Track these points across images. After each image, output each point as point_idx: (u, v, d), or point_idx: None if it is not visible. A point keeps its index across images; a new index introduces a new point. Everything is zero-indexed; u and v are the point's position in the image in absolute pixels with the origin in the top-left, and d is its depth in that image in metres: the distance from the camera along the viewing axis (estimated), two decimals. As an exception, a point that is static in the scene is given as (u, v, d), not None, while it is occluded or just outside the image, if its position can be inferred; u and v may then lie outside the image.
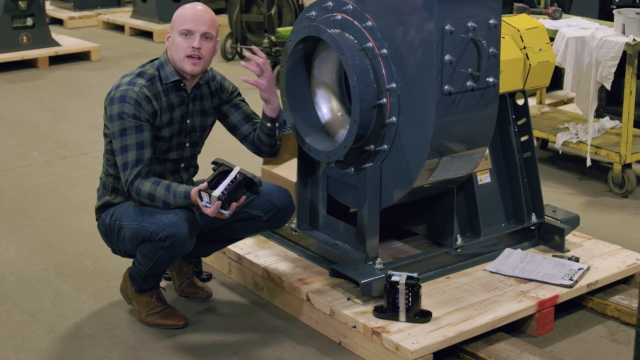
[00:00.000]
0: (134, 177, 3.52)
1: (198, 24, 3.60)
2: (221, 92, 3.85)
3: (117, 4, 11.76)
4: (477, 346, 3.53)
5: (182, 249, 3.55)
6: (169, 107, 3.66)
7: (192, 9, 3.64)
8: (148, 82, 3.62)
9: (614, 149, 5.32)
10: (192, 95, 3.73)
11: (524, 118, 4.16)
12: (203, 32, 3.60)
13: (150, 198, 3.52)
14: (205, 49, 3.61)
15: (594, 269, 3.98)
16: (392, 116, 3.64)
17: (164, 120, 3.64)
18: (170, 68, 3.66)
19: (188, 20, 3.60)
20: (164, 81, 3.64)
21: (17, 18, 8.74)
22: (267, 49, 7.97)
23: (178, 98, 3.69)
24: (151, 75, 3.65)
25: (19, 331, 3.82)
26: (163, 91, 3.65)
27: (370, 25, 3.64)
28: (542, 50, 4.18)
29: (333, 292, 3.78)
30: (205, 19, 3.62)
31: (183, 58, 3.60)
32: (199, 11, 3.63)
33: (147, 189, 3.51)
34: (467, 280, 3.88)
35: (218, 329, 3.81)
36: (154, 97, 3.61)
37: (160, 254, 3.54)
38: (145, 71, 3.66)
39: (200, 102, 3.77)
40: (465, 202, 4.01)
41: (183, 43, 3.60)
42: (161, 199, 3.51)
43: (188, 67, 3.61)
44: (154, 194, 3.51)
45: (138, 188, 3.52)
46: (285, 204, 3.83)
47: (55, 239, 4.76)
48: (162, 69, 3.67)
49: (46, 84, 8.23)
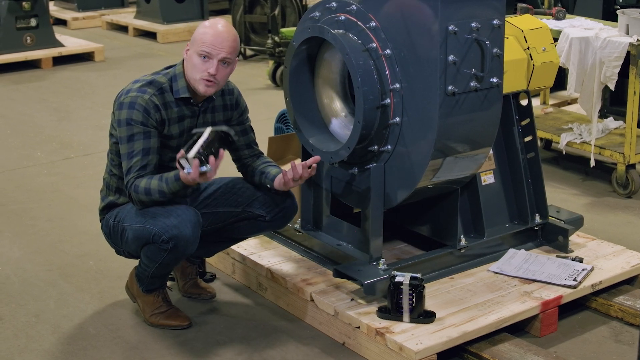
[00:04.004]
0: (134, 179, 3.52)
1: (218, 49, 3.53)
2: (235, 108, 3.81)
3: (120, 5, 11.78)
4: (481, 347, 3.53)
5: (186, 250, 3.55)
6: (179, 118, 3.64)
7: (214, 30, 3.55)
8: (158, 91, 3.58)
9: (618, 149, 5.31)
10: (204, 108, 3.70)
11: (528, 118, 4.15)
12: (222, 58, 3.54)
13: (146, 192, 3.51)
14: (221, 74, 3.56)
15: (598, 269, 3.97)
16: (395, 117, 3.64)
17: (173, 131, 3.62)
18: (182, 83, 3.61)
19: (208, 42, 3.53)
20: (174, 95, 3.61)
21: (21, 19, 8.76)
22: (271, 50, 7.98)
23: (189, 110, 3.66)
24: (162, 85, 3.60)
25: (23, 332, 3.82)
26: (174, 102, 3.61)
27: (374, 25, 3.64)
28: (545, 51, 4.18)
29: (337, 292, 3.79)
30: (226, 45, 3.54)
31: (199, 79, 3.55)
32: (221, 34, 3.54)
33: (143, 184, 3.51)
34: (470, 280, 3.88)
35: (222, 329, 3.82)
36: (163, 107, 3.58)
37: (164, 256, 3.55)
38: (158, 80, 3.61)
39: (212, 114, 3.74)
40: (469, 203, 4.00)
41: (200, 65, 3.54)
42: (156, 189, 3.50)
43: (202, 88, 3.57)
44: (149, 187, 3.50)
45: (136, 186, 3.52)
46: (288, 204, 3.83)
47: (59, 239, 4.77)
48: (175, 81, 3.62)
49: (50, 85, 8.24)
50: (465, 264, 3.98)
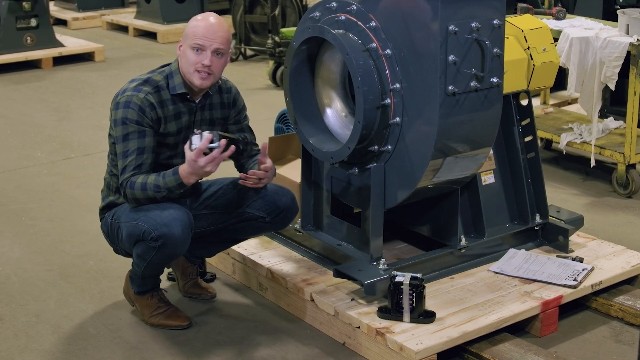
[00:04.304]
0: (130, 177, 3.52)
1: (210, 40, 3.56)
2: (233, 106, 3.82)
3: (120, 5, 11.78)
4: (481, 347, 3.53)
5: (175, 250, 3.54)
6: (176, 116, 3.64)
7: (205, 23, 3.60)
8: (154, 89, 3.60)
9: (618, 149, 5.31)
10: (201, 104, 3.71)
11: (528, 118, 4.15)
12: (215, 49, 3.57)
13: (142, 188, 3.51)
14: (215, 65, 3.58)
15: (598, 269, 3.97)
16: (396, 117, 3.64)
17: (170, 129, 3.63)
18: (179, 79, 3.63)
19: (200, 35, 3.56)
20: (171, 92, 3.63)
21: (21, 19, 8.76)
22: (271, 50, 7.98)
23: (186, 107, 3.67)
24: (158, 83, 3.62)
25: (23, 332, 3.82)
26: (170, 99, 3.63)
27: (374, 25, 3.64)
28: (546, 51, 4.18)
29: (337, 292, 3.79)
30: (218, 35, 3.58)
31: (193, 72, 3.58)
32: (212, 25, 3.59)
33: (140, 180, 3.52)
34: (471, 280, 3.88)
35: (222, 329, 3.82)
36: (159, 105, 3.59)
37: (153, 254, 3.54)
38: (153, 78, 3.64)
39: (210, 111, 3.75)
40: (469, 203, 4.00)
41: (194, 57, 3.57)
42: (152, 183, 3.50)
43: (197, 81, 3.59)
44: (146, 182, 3.51)
45: (132, 182, 3.52)
46: (288, 205, 3.83)
47: (60, 239, 4.77)
48: (171, 77, 3.64)
49: (50, 85, 8.24)
50: (465, 264, 3.98)
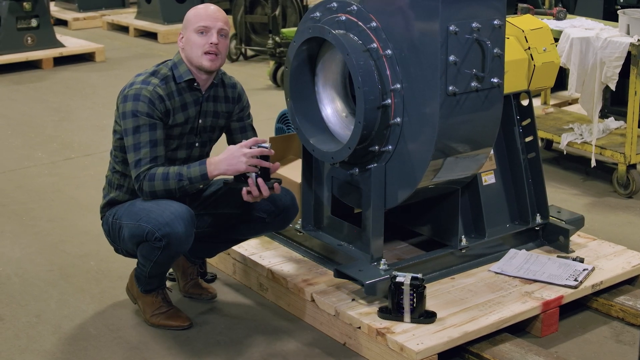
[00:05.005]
0: (149, 169, 3.53)
1: (214, 20, 3.64)
2: (237, 101, 3.85)
3: (121, 5, 11.79)
4: (482, 347, 3.53)
5: (179, 248, 3.54)
6: (182, 107, 3.66)
7: (206, 8, 3.69)
8: (162, 82, 3.63)
9: (619, 149, 5.31)
10: (207, 95, 3.74)
11: (529, 118, 4.15)
12: (220, 29, 3.64)
13: (164, 177, 3.52)
14: (222, 45, 3.65)
15: (599, 269, 3.97)
16: (396, 117, 3.64)
17: (178, 120, 3.65)
18: (184, 68, 3.67)
19: (203, 17, 3.64)
20: (177, 80, 3.65)
21: (22, 19, 8.76)
22: (272, 50, 7.98)
23: (192, 97, 3.70)
24: (165, 75, 3.66)
25: (23, 332, 3.82)
26: (177, 91, 3.66)
27: (374, 25, 3.64)
28: (546, 51, 4.18)
29: (337, 292, 3.78)
30: (220, 16, 3.67)
31: (201, 55, 3.62)
32: (213, 9, 3.68)
33: (161, 171, 3.53)
34: (471, 280, 3.88)
35: (222, 329, 3.82)
36: (167, 97, 3.62)
37: (158, 254, 3.54)
38: (159, 70, 3.68)
39: (215, 103, 3.77)
40: (469, 203, 4.00)
41: (200, 40, 3.62)
42: (175, 172, 3.52)
43: (206, 63, 3.62)
44: (168, 172, 3.52)
45: (151, 174, 3.52)
46: (288, 206, 3.83)
47: (60, 239, 4.77)
48: (176, 68, 3.68)
49: (51, 85, 8.24)
50: (466, 264, 3.98)
